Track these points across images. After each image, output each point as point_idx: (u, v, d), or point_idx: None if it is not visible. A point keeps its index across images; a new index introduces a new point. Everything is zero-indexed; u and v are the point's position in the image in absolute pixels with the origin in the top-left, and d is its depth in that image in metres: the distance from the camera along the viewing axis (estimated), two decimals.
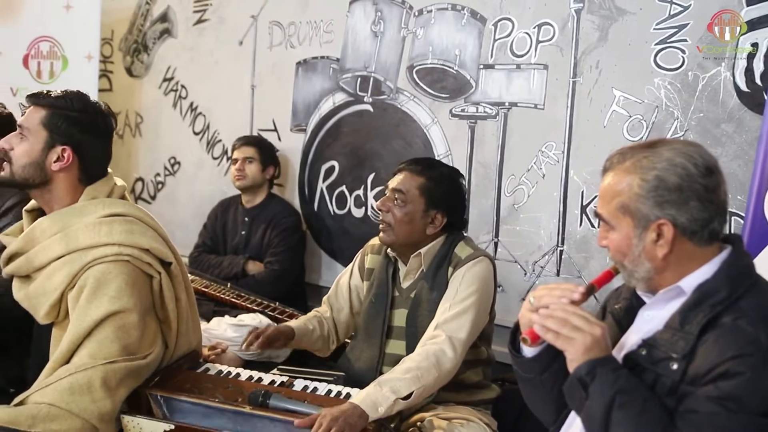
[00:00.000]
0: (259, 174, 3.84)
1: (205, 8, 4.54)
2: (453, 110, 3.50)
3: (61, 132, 2.04)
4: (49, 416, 1.81)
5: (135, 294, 1.97)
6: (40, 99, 2.06)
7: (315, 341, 2.52)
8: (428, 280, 2.35)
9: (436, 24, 3.55)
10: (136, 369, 1.95)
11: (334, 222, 3.97)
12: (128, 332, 1.93)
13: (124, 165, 4.86)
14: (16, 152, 2.04)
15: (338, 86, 3.94)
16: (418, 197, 2.36)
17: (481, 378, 2.42)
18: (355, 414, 1.93)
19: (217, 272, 3.77)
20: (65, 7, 4.51)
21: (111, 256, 1.97)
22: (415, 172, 2.39)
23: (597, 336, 1.41)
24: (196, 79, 4.61)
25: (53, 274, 1.99)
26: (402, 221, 2.35)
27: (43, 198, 2.09)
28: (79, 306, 1.93)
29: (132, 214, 2.08)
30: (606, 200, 1.51)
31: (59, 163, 2.04)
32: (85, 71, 4.53)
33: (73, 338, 1.91)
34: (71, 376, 1.85)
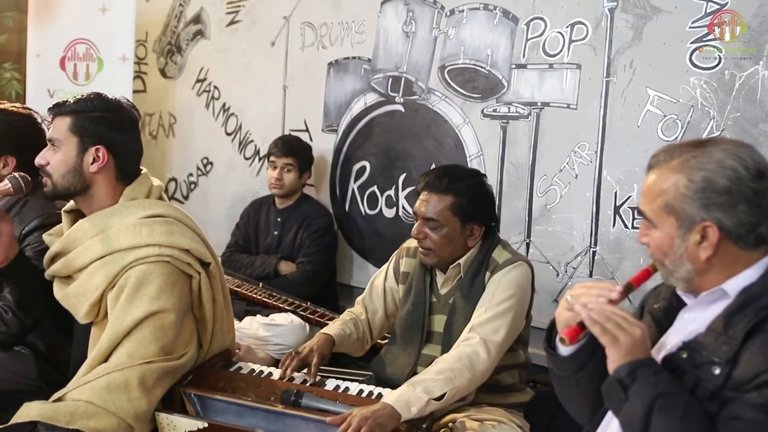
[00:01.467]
0: (296, 181, 3.86)
1: (238, 9, 4.58)
2: (485, 110, 3.49)
3: (90, 133, 2.07)
4: (86, 413, 1.83)
5: (174, 294, 1.99)
6: (61, 109, 2.09)
7: (352, 344, 2.51)
8: (466, 286, 2.34)
9: (467, 24, 3.54)
10: (172, 369, 1.97)
11: (365, 222, 3.98)
12: (166, 332, 1.96)
13: (157, 165, 4.91)
14: (52, 164, 2.08)
15: (370, 87, 3.94)
16: (451, 218, 2.30)
17: (516, 380, 2.40)
18: (386, 413, 1.93)
19: (250, 272, 3.79)
20: (101, 9, 4.57)
21: (152, 257, 1.99)
22: (440, 191, 2.31)
23: (637, 337, 1.39)
24: (229, 80, 4.65)
25: (93, 274, 2.02)
26: (442, 244, 2.31)
27: (86, 203, 2.12)
28: (119, 306, 1.95)
29: (171, 214, 2.11)
30: (650, 198, 1.48)
31: (96, 164, 2.07)
32: (119, 73, 4.59)
33: (112, 337, 1.94)
34: (109, 374, 1.88)
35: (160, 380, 1.94)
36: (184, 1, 4.92)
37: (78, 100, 2.10)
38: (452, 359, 2.12)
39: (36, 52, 4.63)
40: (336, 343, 2.42)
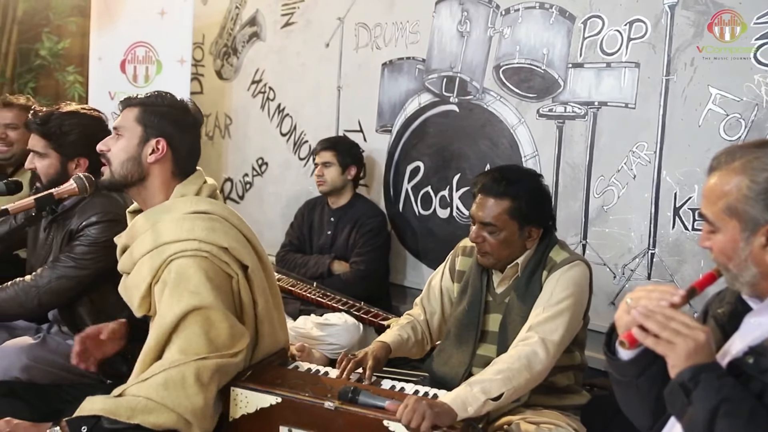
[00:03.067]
0: (338, 177, 3.87)
1: (293, 11, 4.62)
2: (540, 110, 3.45)
3: (155, 125, 2.12)
4: (146, 409, 1.87)
5: (215, 289, 2.00)
6: (131, 100, 2.16)
7: (410, 349, 2.51)
8: (522, 286, 2.32)
9: (523, 23, 3.51)
10: (226, 366, 2.00)
11: (419, 222, 3.98)
12: (214, 327, 1.98)
13: (213, 165, 4.99)
14: (113, 151, 2.12)
15: (424, 87, 3.94)
16: (509, 221, 2.28)
17: (572, 382, 2.37)
18: (443, 408, 1.93)
19: (303, 271, 3.83)
20: (160, 13, 4.67)
21: (190, 251, 2.02)
22: (497, 195, 2.28)
23: (700, 341, 1.36)
24: (284, 81, 4.69)
25: (142, 267, 2.07)
26: (499, 247, 2.30)
27: (140, 196, 2.16)
28: (163, 300, 1.99)
29: (217, 212, 2.13)
30: (711, 200, 1.44)
31: (155, 155, 2.11)
32: (177, 75, 4.68)
33: (159, 332, 1.97)
34: (166, 371, 1.91)
35: (214, 376, 1.96)
36: (240, 4, 4.98)
37: (149, 95, 2.16)
38: (511, 359, 2.11)
39: (98, 56, 4.76)
40: (393, 350, 2.42)
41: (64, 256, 2.49)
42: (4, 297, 2.48)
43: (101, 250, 2.46)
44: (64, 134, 2.54)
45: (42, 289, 2.46)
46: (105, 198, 2.46)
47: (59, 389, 2.35)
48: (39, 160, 2.58)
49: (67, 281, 2.47)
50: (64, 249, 2.52)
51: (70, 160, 2.58)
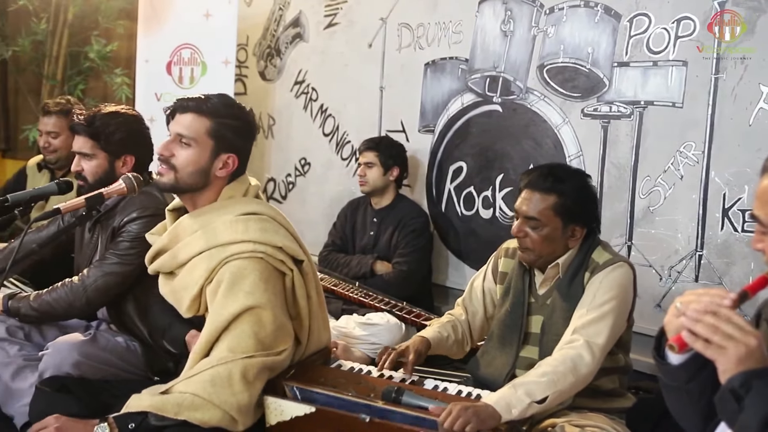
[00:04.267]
0: (380, 178, 3.88)
1: (336, 12, 4.64)
2: (585, 110, 3.41)
3: (226, 140, 2.12)
4: (193, 405, 1.90)
5: (269, 290, 2.04)
6: (201, 107, 2.12)
7: (450, 347, 2.51)
8: (564, 287, 2.29)
9: (568, 22, 3.48)
10: (271, 364, 2.02)
11: (461, 223, 3.97)
12: (264, 327, 2.00)
13: (256, 166, 5.04)
14: (180, 160, 2.11)
15: (467, 87, 3.93)
16: (553, 218, 2.25)
17: (616, 386, 2.34)
18: (487, 411, 1.92)
19: (346, 271, 3.84)
20: (205, 15, 4.73)
21: (246, 253, 2.04)
22: (543, 190, 2.26)
23: (752, 346, 1.33)
24: (327, 81, 4.72)
25: (194, 269, 2.09)
26: (542, 244, 2.28)
27: (193, 200, 2.18)
28: (217, 300, 2.01)
29: (266, 212, 2.16)
30: (764, 202, 1.41)
31: (225, 170, 2.14)
32: (222, 76, 4.74)
33: (211, 331, 2.00)
34: (213, 368, 1.94)
35: (260, 374, 1.98)
36: (284, 5, 5.02)
37: (216, 104, 2.13)
38: (556, 362, 2.09)
39: (144, 58, 4.84)
40: (432, 346, 2.42)
41: (109, 254, 2.54)
42: (54, 297, 2.55)
43: (143, 245, 2.50)
44: (111, 133, 2.60)
45: (89, 288, 2.52)
46: (145, 194, 2.51)
47: (108, 385, 2.40)
48: (87, 162, 2.63)
49: (113, 278, 2.53)
50: (108, 247, 2.57)
51: (117, 158, 2.64)
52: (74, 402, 2.24)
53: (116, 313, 2.66)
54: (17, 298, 2.61)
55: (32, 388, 2.38)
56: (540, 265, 2.35)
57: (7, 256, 2.88)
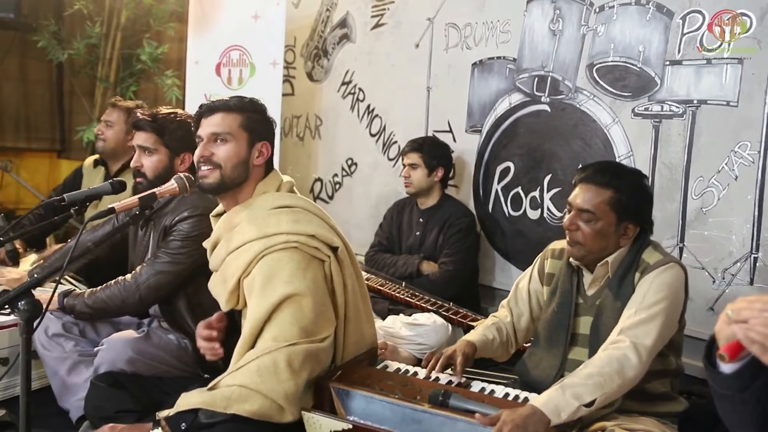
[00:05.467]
0: (425, 179, 3.86)
1: (383, 12, 4.65)
2: (636, 109, 3.36)
3: (257, 130, 2.25)
4: (241, 397, 1.93)
5: (307, 277, 2.08)
6: (229, 106, 2.24)
7: (495, 350, 2.50)
8: (614, 287, 2.26)
9: (618, 20, 3.43)
10: (315, 351, 2.04)
11: (508, 224, 3.94)
12: (305, 314, 2.03)
13: (303, 166, 5.08)
14: (222, 155, 2.20)
15: (515, 86, 3.90)
16: (608, 212, 2.24)
17: (668, 389, 2.30)
18: (536, 419, 1.91)
19: (392, 271, 3.85)
20: (253, 17, 4.78)
21: (280, 244, 2.10)
22: (600, 184, 2.25)
23: None
24: (373, 82, 4.73)
25: (231, 263, 2.15)
26: (594, 239, 2.25)
27: (233, 198, 2.25)
28: (255, 293, 2.06)
29: (298, 205, 2.21)
30: None
31: (262, 158, 2.24)
32: (270, 77, 4.78)
33: (253, 323, 2.03)
34: (258, 359, 1.97)
35: (305, 362, 2.01)
36: (331, 6, 5.05)
37: (241, 101, 2.25)
38: (601, 363, 2.06)
39: (194, 60, 4.91)
40: (478, 349, 2.41)
41: (161, 252, 2.60)
42: (108, 294, 2.61)
43: (194, 244, 2.56)
44: (173, 130, 2.71)
45: (142, 286, 2.58)
46: (196, 194, 2.55)
47: (160, 381, 2.45)
48: (148, 157, 2.71)
49: (165, 276, 2.58)
50: (160, 245, 2.63)
51: (177, 155, 2.72)
52: (127, 397, 2.29)
53: (168, 311, 2.71)
54: (73, 296, 2.68)
55: (87, 383, 2.45)
56: (588, 262, 2.32)
57: (64, 254, 2.98)
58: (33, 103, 6.04)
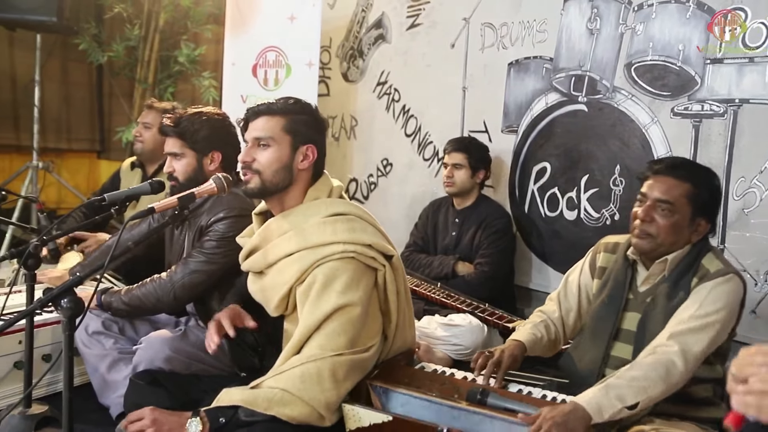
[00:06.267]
0: (468, 180, 3.85)
1: (418, 13, 4.65)
2: (675, 109, 3.31)
3: (302, 133, 2.19)
4: (282, 401, 1.93)
5: (360, 289, 2.06)
6: (272, 109, 2.20)
7: (544, 348, 2.48)
8: (668, 287, 2.23)
9: (657, 18, 3.38)
10: (360, 362, 2.04)
11: (545, 224, 3.91)
12: (354, 325, 2.02)
13: (339, 166, 5.09)
14: (263, 161, 2.17)
15: (551, 86, 3.87)
16: (685, 205, 2.21)
17: (710, 394, 2.25)
18: (578, 416, 1.89)
19: (428, 272, 3.84)
20: (290, 18, 4.81)
21: (338, 254, 2.07)
22: (678, 177, 2.22)
23: None
24: (409, 82, 4.73)
25: (284, 269, 2.12)
26: (668, 231, 2.22)
27: (280, 201, 2.22)
28: (310, 301, 2.04)
29: (352, 212, 2.18)
30: None
31: (306, 161, 2.19)
32: (305, 78, 4.81)
33: (304, 330, 2.03)
34: (302, 365, 1.97)
35: (349, 373, 2.01)
36: (366, 7, 5.06)
37: (285, 103, 2.21)
38: (648, 366, 2.03)
39: (231, 61, 4.96)
40: (528, 349, 2.40)
41: (196, 252, 2.62)
42: (143, 292, 2.64)
43: (229, 244, 2.57)
44: (196, 131, 2.70)
45: (176, 284, 2.61)
46: (232, 194, 2.57)
47: (197, 380, 2.47)
48: (177, 161, 2.73)
49: (199, 275, 2.61)
50: (195, 245, 2.65)
51: (205, 155, 2.73)
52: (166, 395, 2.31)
53: (203, 310, 2.73)
54: (110, 293, 2.72)
55: (126, 380, 2.48)
56: (653, 257, 2.29)
57: (104, 253, 3.02)
58: (74, 105, 6.15)
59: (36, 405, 2.62)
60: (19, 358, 2.70)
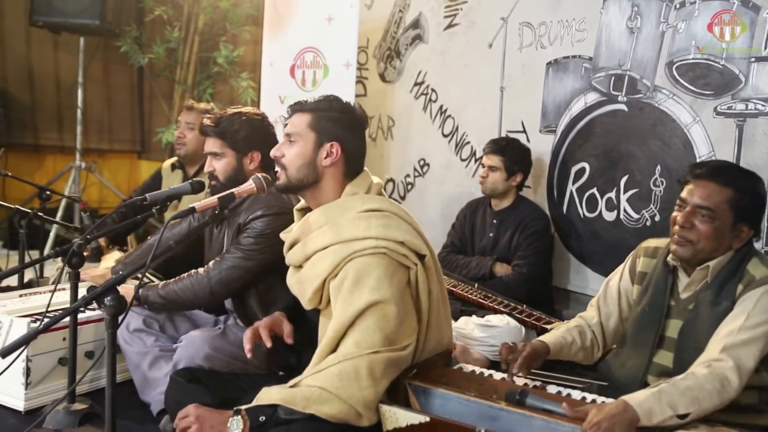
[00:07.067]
0: (502, 182, 3.82)
1: (456, 13, 4.64)
2: (718, 108, 3.26)
3: (328, 130, 2.20)
4: (320, 399, 1.94)
5: (393, 285, 2.06)
6: (303, 106, 2.23)
7: (575, 353, 2.45)
8: (712, 294, 2.18)
9: (700, 16, 3.33)
10: (397, 360, 2.04)
11: (584, 225, 3.87)
12: (389, 322, 2.02)
13: (376, 166, 5.10)
14: (289, 157, 2.21)
15: (590, 86, 3.83)
16: (726, 212, 2.15)
17: (755, 401, 2.20)
18: (627, 416, 1.87)
19: (465, 272, 3.82)
20: (327, 19, 4.82)
21: (370, 249, 2.07)
22: (720, 183, 2.16)
23: None
24: (446, 82, 4.72)
25: (318, 262, 2.14)
26: (709, 238, 2.17)
27: (313, 197, 2.25)
28: (342, 296, 2.05)
29: (388, 209, 2.18)
30: None
31: (329, 159, 2.19)
32: (343, 78, 4.82)
33: (337, 327, 2.04)
34: (339, 363, 1.97)
35: (386, 370, 2.00)
36: (404, 7, 5.06)
37: (318, 100, 2.23)
38: (703, 379, 1.99)
39: (269, 62, 4.99)
40: (552, 351, 2.37)
41: (233, 248, 2.65)
42: (180, 287, 2.68)
43: (266, 241, 2.60)
44: (236, 131, 2.73)
45: (213, 280, 2.64)
46: (270, 193, 2.59)
47: (236, 378, 2.49)
48: (217, 161, 2.76)
49: (236, 271, 2.63)
50: (234, 242, 2.68)
51: (244, 155, 2.76)
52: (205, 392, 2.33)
53: (241, 307, 2.76)
54: (147, 287, 2.76)
55: (167, 377, 2.51)
56: (694, 263, 2.25)
57: (147, 251, 3.07)
58: (115, 106, 6.26)
59: (79, 401, 2.67)
60: (63, 354, 2.76)
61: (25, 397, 2.68)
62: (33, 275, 3.97)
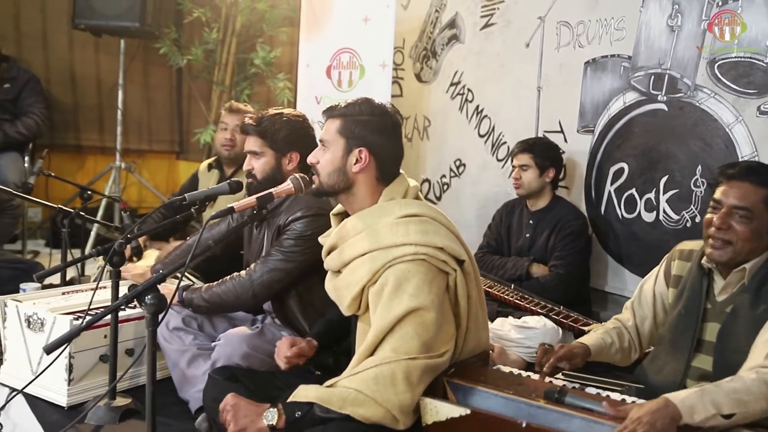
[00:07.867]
0: (536, 180, 3.80)
1: (492, 12, 4.62)
2: (762, 107, 3.20)
3: (356, 136, 2.18)
4: (356, 401, 1.94)
5: (433, 291, 2.05)
6: (333, 111, 2.23)
7: (613, 354, 2.43)
8: (750, 296, 2.14)
9: (743, 12, 3.27)
10: (434, 366, 2.03)
11: (622, 226, 3.83)
12: (427, 329, 2.02)
13: (412, 167, 5.10)
14: (321, 164, 2.22)
15: (629, 85, 3.78)
16: (763, 211, 2.13)
17: None
18: (668, 412, 1.84)
19: (501, 273, 3.81)
20: (363, 19, 4.83)
21: (409, 256, 2.06)
22: (755, 182, 2.14)
23: None
24: (483, 82, 4.70)
25: (356, 269, 2.14)
26: (747, 239, 2.14)
27: (348, 201, 2.25)
28: (382, 303, 2.05)
29: (426, 214, 2.17)
30: None
31: (359, 165, 2.18)
32: (379, 79, 4.82)
33: (377, 332, 2.04)
34: (377, 367, 1.97)
35: (423, 377, 2.00)
36: (440, 7, 5.05)
37: (348, 105, 2.23)
38: (750, 383, 1.95)
39: (306, 63, 5.02)
40: (593, 353, 2.36)
41: (274, 250, 2.67)
42: (223, 290, 2.71)
43: (306, 243, 2.62)
44: (276, 131, 2.76)
45: (256, 282, 2.66)
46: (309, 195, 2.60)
47: (273, 377, 2.51)
48: (256, 160, 2.79)
49: (277, 274, 2.65)
50: (274, 244, 2.70)
51: (283, 155, 2.78)
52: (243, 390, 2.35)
53: (280, 308, 2.78)
54: (191, 290, 2.79)
55: (205, 375, 2.54)
56: (732, 266, 2.21)
57: (186, 251, 3.11)
58: (154, 107, 6.35)
59: (120, 397, 2.72)
60: (104, 351, 2.81)
61: (67, 393, 2.73)
62: (75, 273, 4.05)
